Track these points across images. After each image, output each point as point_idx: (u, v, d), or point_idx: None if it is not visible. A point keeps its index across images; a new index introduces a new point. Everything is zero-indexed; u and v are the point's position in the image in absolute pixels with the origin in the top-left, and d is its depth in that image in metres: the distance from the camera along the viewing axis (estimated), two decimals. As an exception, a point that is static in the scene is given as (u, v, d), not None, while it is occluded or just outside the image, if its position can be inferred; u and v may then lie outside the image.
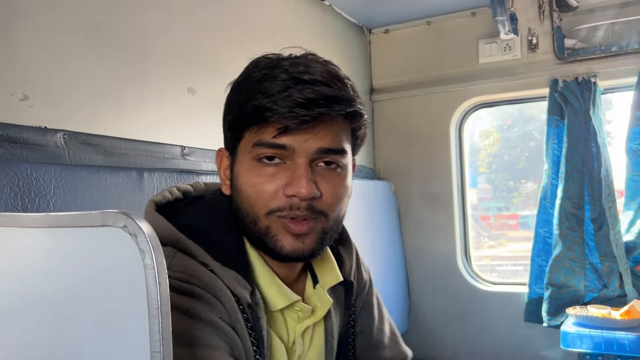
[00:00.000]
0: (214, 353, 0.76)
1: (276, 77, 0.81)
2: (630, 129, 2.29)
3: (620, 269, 2.25)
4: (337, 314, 1.00)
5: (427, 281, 2.72)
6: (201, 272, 0.81)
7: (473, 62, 2.60)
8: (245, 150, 0.84)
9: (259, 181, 0.83)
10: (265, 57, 0.87)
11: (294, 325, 0.92)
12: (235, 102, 0.86)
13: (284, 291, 0.89)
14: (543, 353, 2.47)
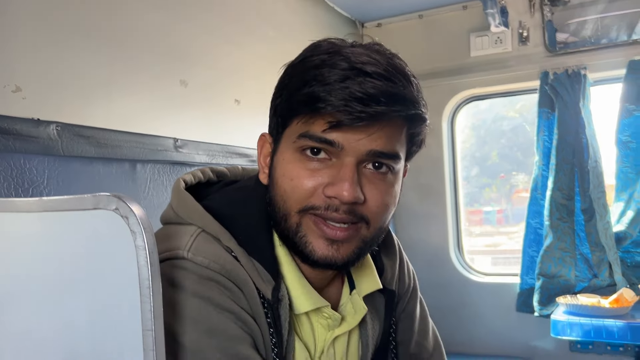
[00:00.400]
0: (238, 346, 0.73)
1: (335, 65, 0.74)
2: (620, 121, 2.32)
3: (610, 258, 2.28)
4: (376, 324, 0.94)
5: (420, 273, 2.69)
6: (223, 257, 0.76)
7: (465, 56, 2.62)
8: (290, 140, 0.78)
9: (299, 174, 0.76)
10: (328, 40, 0.80)
11: (324, 333, 0.86)
12: (286, 87, 0.79)
13: (311, 293, 0.82)
14: (535, 342, 2.50)
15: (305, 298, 0.82)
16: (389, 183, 0.80)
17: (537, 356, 2.49)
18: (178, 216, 0.82)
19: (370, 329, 0.93)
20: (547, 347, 2.47)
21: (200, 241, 0.77)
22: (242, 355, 0.73)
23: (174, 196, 0.84)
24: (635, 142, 2.30)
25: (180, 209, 0.82)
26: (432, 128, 2.86)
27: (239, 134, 1.91)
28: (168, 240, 0.77)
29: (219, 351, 0.71)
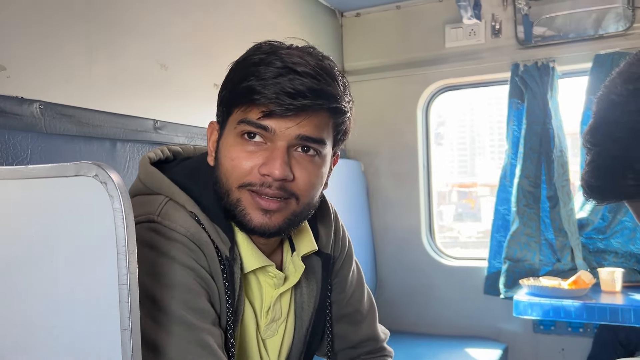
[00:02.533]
0: (196, 298, 0.84)
1: (271, 64, 0.85)
2: (585, 113, 2.42)
3: (572, 243, 2.39)
4: (313, 284, 1.05)
5: (393, 256, 2.84)
6: (189, 222, 0.88)
7: (440, 46, 2.70)
8: (232, 126, 0.89)
9: (238, 156, 0.88)
10: (267, 42, 0.91)
11: (270, 291, 0.98)
12: (230, 81, 0.90)
13: (258, 254, 0.94)
14: (501, 324, 2.61)
15: (253, 258, 0.94)
16: (316, 165, 0.91)
17: (502, 337, 2.61)
18: (147, 187, 0.93)
19: (305, 289, 1.04)
20: (512, 329, 2.59)
21: (169, 208, 0.88)
22: (199, 306, 0.84)
23: (142, 170, 0.95)
24: (598, 133, 2.40)
25: (149, 181, 0.93)
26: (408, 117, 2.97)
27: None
28: (139, 207, 0.87)
29: (180, 302, 0.82)
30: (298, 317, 1.05)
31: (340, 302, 1.12)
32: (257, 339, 0.99)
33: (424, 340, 2.58)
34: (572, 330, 2.48)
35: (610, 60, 2.36)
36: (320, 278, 1.06)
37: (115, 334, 0.68)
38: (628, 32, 2.39)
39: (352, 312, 1.14)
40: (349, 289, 1.13)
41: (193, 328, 0.82)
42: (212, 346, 0.83)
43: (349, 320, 1.14)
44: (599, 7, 2.41)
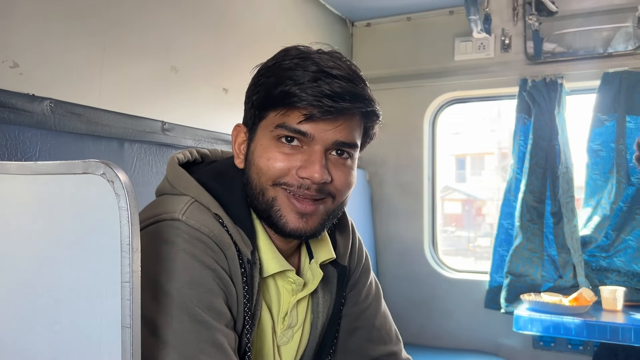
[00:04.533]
0: (213, 298, 0.85)
1: (307, 68, 0.87)
2: (591, 130, 2.42)
3: (575, 260, 2.39)
4: (327, 294, 1.06)
5: (395, 267, 2.84)
6: (212, 223, 0.89)
7: (449, 59, 2.71)
8: (267, 129, 0.91)
9: (275, 156, 0.90)
10: (296, 47, 0.92)
11: (288, 297, 0.99)
12: (262, 84, 0.91)
13: (279, 258, 0.96)
14: (501, 339, 2.60)
15: (274, 262, 0.95)
16: (349, 166, 0.94)
17: (502, 352, 2.60)
18: (174, 187, 0.94)
19: (320, 298, 1.05)
20: (511, 344, 2.58)
21: (194, 208, 0.90)
22: (215, 307, 0.85)
23: (170, 171, 0.97)
24: (605, 151, 2.40)
25: (176, 182, 0.94)
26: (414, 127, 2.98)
27: (225, 121, 1.99)
28: (165, 206, 0.89)
29: (196, 300, 0.83)
30: (314, 326, 1.05)
31: (353, 315, 1.12)
32: (274, 345, 0.99)
33: (425, 352, 2.57)
34: (572, 348, 2.47)
35: (619, 79, 2.36)
36: (335, 289, 1.07)
37: (116, 331, 0.69)
38: (637, 52, 2.39)
39: (366, 326, 1.13)
40: (363, 302, 1.13)
41: (208, 327, 0.83)
42: (225, 347, 0.84)
43: (363, 335, 1.13)
44: (610, 26, 2.42)
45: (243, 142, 0.96)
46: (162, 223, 0.87)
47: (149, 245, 0.79)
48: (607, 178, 2.40)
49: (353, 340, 1.12)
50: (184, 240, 0.85)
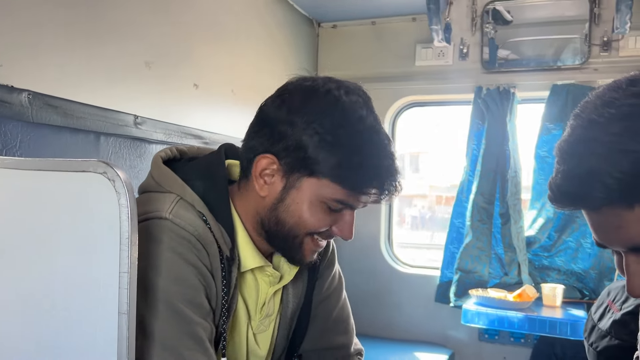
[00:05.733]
0: (195, 293, 0.92)
1: (384, 161, 0.94)
2: (539, 137, 2.59)
3: (520, 259, 2.56)
4: (298, 285, 1.14)
5: (353, 261, 2.93)
6: (197, 222, 0.95)
7: (410, 64, 2.83)
8: (320, 191, 0.94)
9: (321, 218, 0.97)
10: (360, 116, 0.94)
11: (266, 288, 1.06)
12: (334, 154, 0.92)
13: (256, 255, 1.03)
14: (449, 331, 2.75)
15: (252, 258, 1.02)
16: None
17: (450, 343, 2.75)
18: (159, 185, 0.99)
19: (291, 288, 1.13)
20: (459, 336, 2.73)
21: (179, 207, 0.95)
22: (197, 301, 0.92)
23: (155, 169, 1.02)
24: (551, 158, 2.57)
25: (162, 180, 1.00)
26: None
27: (195, 116, 2.04)
28: (151, 204, 0.95)
29: (180, 295, 0.90)
30: (283, 314, 1.13)
31: (314, 304, 1.19)
32: (247, 334, 1.07)
33: (377, 343, 2.69)
34: (514, 340, 2.64)
35: (566, 91, 2.54)
36: (306, 278, 1.15)
37: (113, 317, 0.76)
38: (583, 66, 2.57)
39: (324, 315, 1.20)
40: (325, 292, 1.20)
41: (189, 321, 0.90)
42: (204, 340, 0.91)
43: (320, 324, 1.20)
44: (561, 37, 2.59)
45: (272, 176, 0.97)
46: (151, 221, 0.93)
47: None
48: (551, 183, 2.57)
49: (311, 327, 1.19)
50: (170, 239, 0.91)
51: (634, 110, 0.67)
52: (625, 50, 2.49)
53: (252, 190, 1.00)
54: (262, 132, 0.98)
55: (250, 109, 2.37)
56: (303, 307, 1.16)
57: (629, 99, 0.68)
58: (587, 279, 2.52)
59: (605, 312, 1.66)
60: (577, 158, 0.70)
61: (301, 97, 0.96)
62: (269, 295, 1.08)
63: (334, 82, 0.98)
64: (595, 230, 0.74)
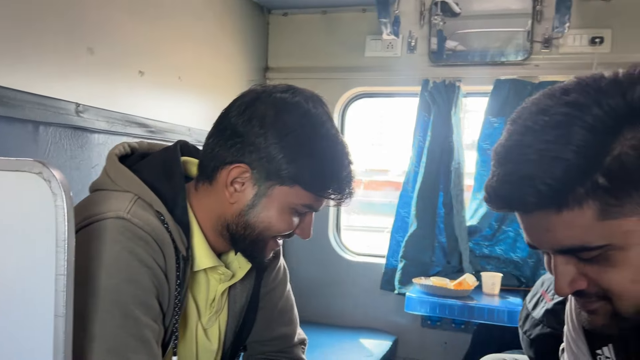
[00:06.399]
0: (147, 295, 0.92)
1: (345, 167, 1.01)
2: (482, 131, 2.68)
3: (461, 248, 2.64)
4: (247, 281, 1.16)
5: (302, 250, 2.96)
6: (155, 222, 0.95)
7: (360, 55, 2.85)
8: (290, 197, 1.00)
9: (289, 222, 1.03)
10: (327, 128, 1.01)
11: (216, 286, 1.09)
12: (303, 165, 0.98)
13: (211, 255, 1.05)
14: (393, 318, 2.83)
15: (206, 258, 1.04)
16: None
17: (393, 330, 2.82)
18: (115, 184, 0.98)
19: (239, 284, 1.15)
20: (403, 322, 2.81)
21: (137, 207, 0.95)
22: (147, 303, 0.92)
23: (111, 167, 1.01)
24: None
25: (118, 179, 0.99)
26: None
27: (141, 104, 2.00)
28: (108, 203, 0.94)
29: (131, 296, 0.90)
30: (231, 309, 1.15)
31: (261, 296, 1.22)
32: (197, 330, 1.08)
33: (323, 331, 2.73)
34: (455, 327, 2.74)
35: (508, 86, 2.62)
36: (254, 275, 1.17)
37: (49, 320, 0.74)
38: (525, 62, 2.66)
39: (269, 307, 1.23)
40: (270, 284, 1.23)
41: (138, 323, 0.89)
42: (151, 341, 0.91)
43: (265, 315, 1.23)
44: (506, 29, 2.67)
45: (244, 183, 1.01)
46: (108, 221, 0.91)
47: (92, 242, 0.85)
48: (493, 175, 2.67)
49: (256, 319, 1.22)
50: (127, 239, 0.91)
51: (566, 119, 0.70)
52: (565, 47, 2.60)
53: (218, 195, 1.02)
54: (231, 142, 1.00)
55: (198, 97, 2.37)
56: (251, 302, 1.18)
57: (561, 108, 0.71)
58: (525, 267, 2.64)
59: (539, 302, 1.75)
60: (512, 163, 0.73)
61: (273, 110, 0.99)
62: (219, 292, 1.09)
63: (300, 94, 1.03)
64: (527, 232, 0.78)
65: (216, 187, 1.02)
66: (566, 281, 0.74)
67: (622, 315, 0.74)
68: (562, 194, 0.69)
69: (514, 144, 0.74)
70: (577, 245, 0.72)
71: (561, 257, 0.74)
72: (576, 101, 0.70)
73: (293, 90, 1.03)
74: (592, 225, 0.70)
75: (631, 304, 0.73)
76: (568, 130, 0.69)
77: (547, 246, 0.76)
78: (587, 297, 0.76)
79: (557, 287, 0.76)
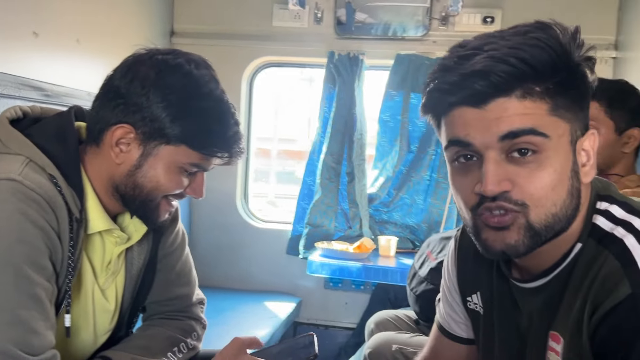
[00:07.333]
0: (40, 255, 0.93)
1: (227, 121, 1.04)
2: (383, 103, 2.81)
3: (362, 214, 2.79)
4: (144, 244, 1.19)
5: (208, 217, 3.00)
6: (47, 184, 0.95)
7: (267, 24, 2.88)
8: (177, 157, 1.02)
9: (178, 181, 1.05)
10: (210, 89, 1.03)
11: (112, 248, 1.11)
12: (190, 121, 1.00)
13: (105, 217, 1.07)
14: (299, 281, 2.95)
15: (100, 221, 1.07)
16: None
17: (298, 292, 2.94)
18: (6, 147, 0.98)
19: (136, 247, 1.18)
20: (307, 285, 2.94)
21: (29, 169, 0.96)
22: (40, 263, 0.94)
23: (2, 130, 1.00)
24: (392, 122, 2.81)
25: (10, 142, 0.99)
26: (232, 86, 3.09)
27: (35, 66, 1.93)
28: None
29: (23, 256, 0.91)
30: (128, 271, 1.18)
31: (159, 258, 1.25)
32: (93, 291, 1.11)
33: (231, 295, 2.80)
34: (355, 287, 2.91)
35: (408, 61, 2.76)
36: (151, 237, 1.20)
37: None
38: (424, 38, 2.80)
39: (168, 269, 1.27)
40: (169, 247, 1.26)
41: (30, 281, 0.91)
42: (43, 300, 0.93)
43: (163, 277, 1.26)
44: (408, 4, 2.78)
45: (129, 144, 1.03)
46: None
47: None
48: (392, 145, 2.82)
49: (154, 281, 1.26)
50: (18, 200, 0.91)
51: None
52: (460, 25, 2.76)
53: (105, 157, 1.04)
54: (114, 103, 1.02)
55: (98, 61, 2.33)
56: (149, 264, 1.22)
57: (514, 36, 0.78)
58: (419, 231, 2.83)
59: (425, 262, 1.91)
60: (483, 52, 0.77)
61: (154, 71, 1.01)
62: (115, 255, 1.12)
63: (183, 56, 1.05)
64: (471, 125, 0.79)
65: (103, 149, 1.04)
66: (496, 179, 0.77)
67: (534, 228, 0.79)
68: (532, 80, 0.76)
69: (479, 43, 0.79)
70: (527, 128, 0.76)
71: (495, 155, 0.78)
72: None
73: (176, 53, 1.05)
74: (543, 116, 0.77)
75: (545, 212, 0.78)
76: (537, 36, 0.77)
77: (489, 136, 0.78)
78: (504, 207, 0.78)
79: (486, 184, 0.77)
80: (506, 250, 0.81)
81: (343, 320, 2.93)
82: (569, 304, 0.82)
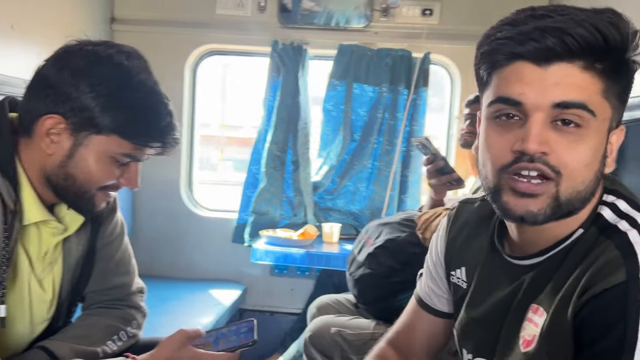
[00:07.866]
0: None
1: (159, 112, 1.05)
2: (327, 93, 2.86)
3: (306, 202, 2.85)
4: (82, 234, 1.19)
5: (151, 205, 2.97)
6: None
7: (211, 12, 2.86)
8: (103, 146, 1.03)
9: (110, 172, 1.06)
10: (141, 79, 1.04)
11: (49, 239, 1.11)
12: (120, 112, 1.01)
13: (40, 208, 1.07)
14: (244, 269, 2.97)
15: (36, 212, 1.07)
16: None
17: (244, 280, 2.97)
18: None
19: (73, 237, 1.19)
20: (252, 272, 2.96)
21: None
22: None
23: None
24: (335, 111, 2.87)
25: None
26: (176, 74, 3.06)
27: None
28: None
29: None
30: (66, 261, 1.18)
31: (98, 248, 1.26)
32: (30, 281, 1.11)
33: (176, 284, 2.80)
34: (301, 274, 2.96)
35: (351, 51, 2.81)
36: (90, 227, 1.21)
37: None
38: (366, 29, 2.86)
39: (107, 259, 1.27)
40: (108, 237, 1.27)
41: None
42: None
43: (102, 266, 1.27)
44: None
45: (60, 134, 1.03)
46: None
47: None
48: (336, 134, 2.88)
49: (93, 270, 1.26)
50: None
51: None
52: (400, 17, 2.84)
53: (37, 148, 1.04)
54: (44, 93, 1.02)
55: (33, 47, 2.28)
56: (87, 254, 1.23)
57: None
58: (362, 218, 2.91)
59: (363, 247, 1.98)
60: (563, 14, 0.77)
61: (84, 61, 1.02)
62: (52, 245, 1.13)
63: (114, 47, 1.06)
64: (528, 84, 0.79)
65: (35, 140, 1.04)
66: (538, 139, 0.78)
67: (560, 200, 0.80)
68: (598, 55, 0.77)
69: (554, 8, 0.79)
70: (580, 102, 0.78)
71: (542, 118, 0.79)
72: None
73: (108, 44, 1.06)
74: (596, 94, 0.79)
75: (573, 186, 0.80)
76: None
77: (543, 100, 0.78)
78: (541, 170, 0.79)
79: (530, 142, 0.78)
80: (525, 216, 0.82)
81: (289, 306, 2.98)
82: (558, 283, 0.84)
